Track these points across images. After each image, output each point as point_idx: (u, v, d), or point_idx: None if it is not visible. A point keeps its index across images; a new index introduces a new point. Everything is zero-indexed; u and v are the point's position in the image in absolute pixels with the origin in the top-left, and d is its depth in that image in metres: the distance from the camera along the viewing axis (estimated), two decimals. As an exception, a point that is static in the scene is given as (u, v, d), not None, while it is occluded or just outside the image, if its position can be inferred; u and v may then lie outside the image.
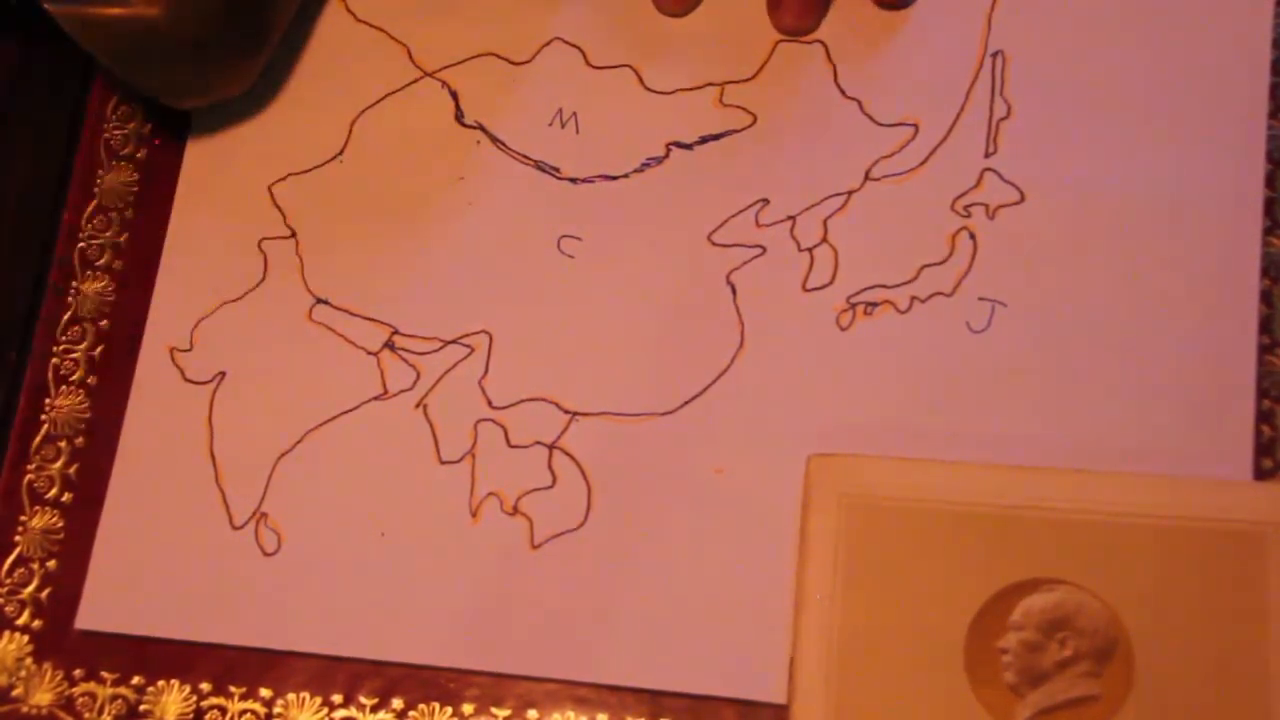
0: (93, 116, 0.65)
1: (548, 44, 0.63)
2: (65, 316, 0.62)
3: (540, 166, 0.61)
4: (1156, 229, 0.56)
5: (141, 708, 0.57)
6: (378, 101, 0.63)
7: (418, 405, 0.59)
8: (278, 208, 0.62)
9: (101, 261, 0.63)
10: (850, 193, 0.59)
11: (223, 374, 0.60)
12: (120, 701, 0.57)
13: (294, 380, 0.60)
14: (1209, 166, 0.57)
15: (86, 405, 0.61)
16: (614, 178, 0.60)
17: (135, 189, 0.64)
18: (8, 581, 0.59)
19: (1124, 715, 0.49)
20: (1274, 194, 0.56)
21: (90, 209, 0.64)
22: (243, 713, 0.57)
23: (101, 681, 0.58)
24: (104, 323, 0.62)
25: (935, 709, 0.50)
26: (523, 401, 0.58)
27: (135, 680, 0.58)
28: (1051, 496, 0.52)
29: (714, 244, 0.59)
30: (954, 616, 0.51)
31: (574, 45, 0.62)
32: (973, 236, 0.57)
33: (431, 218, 0.61)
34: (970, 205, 0.58)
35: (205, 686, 0.57)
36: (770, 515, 0.55)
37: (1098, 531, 0.51)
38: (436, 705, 0.56)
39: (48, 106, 0.65)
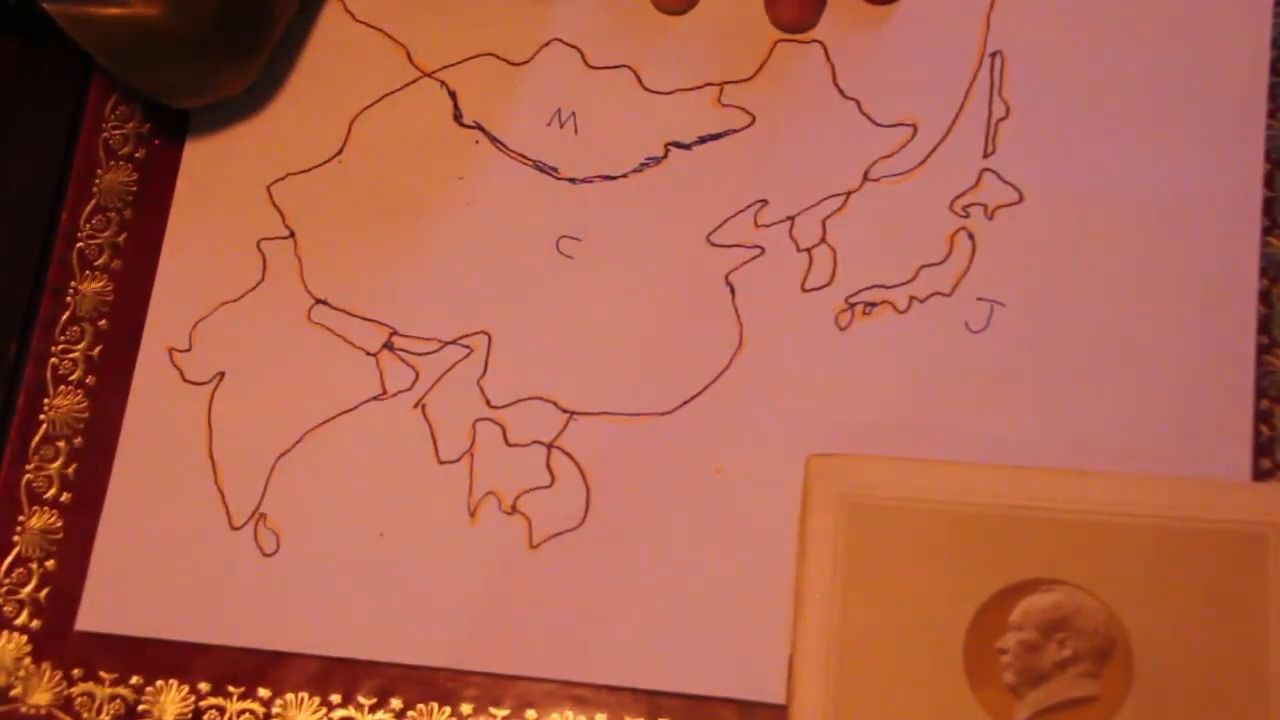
0: (92, 116, 0.65)
1: (546, 44, 0.63)
2: (64, 316, 0.62)
3: (539, 166, 0.61)
4: (1156, 229, 0.56)
5: (140, 708, 0.57)
6: (376, 101, 0.63)
7: (416, 405, 0.59)
8: (276, 208, 0.62)
9: (100, 261, 0.63)
10: (849, 193, 0.59)
11: (222, 374, 0.60)
12: (119, 702, 0.57)
13: (293, 380, 0.60)
14: (1209, 166, 0.57)
15: (85, 405, 0.61)
16: (613, 178, 0.60)
17: (134, 189, 0.64)
18: (6, 581, 0.59)
19: (1123, 715, 0.49)
20: (1273, 194, 0.56)
21: (89, 209, 0.64)
22: (241, 713, 0.57)
23: (100, 681, 0.58)
24: (103, 323, 0.62)
25: (934, 709, 0.50)
26: (521, 401, 0.58)
27: (134, 680, 0.57)
28: (1050, 496, 0.52)
29: (713, 244, 0.59)
30: (953, 617, 0.51)
31: (573, 46, 0.62)
32: (971, 237, 0.57)
33: (430, 218, 0.61)
34: (969, 205, 0.58)
35: (204, 686, 0.57)
36: (770, 515, 0.55)
37: (1097, 531, 0.51)
38: (435, 705, 0.56)
39: (47, 106, 0.65)
